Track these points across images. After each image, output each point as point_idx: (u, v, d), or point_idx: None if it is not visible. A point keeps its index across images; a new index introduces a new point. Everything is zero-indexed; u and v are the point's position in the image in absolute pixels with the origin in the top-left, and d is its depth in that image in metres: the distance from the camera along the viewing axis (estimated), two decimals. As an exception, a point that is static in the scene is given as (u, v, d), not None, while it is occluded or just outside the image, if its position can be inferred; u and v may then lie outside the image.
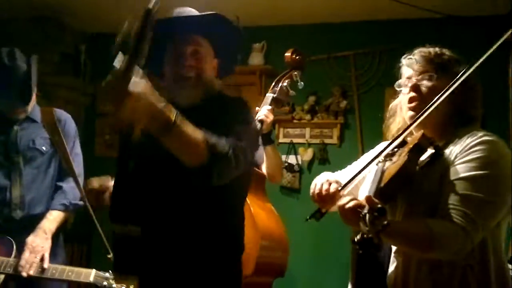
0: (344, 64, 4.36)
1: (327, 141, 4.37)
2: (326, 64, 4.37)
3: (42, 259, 2.40)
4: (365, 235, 1.26)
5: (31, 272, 2.36)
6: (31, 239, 2.42)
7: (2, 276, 2.38)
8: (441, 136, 1.61)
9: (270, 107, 2.74)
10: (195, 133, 1.48)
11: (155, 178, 1.67)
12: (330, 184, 1.70)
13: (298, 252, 4.24)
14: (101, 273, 2.32)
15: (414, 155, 1.49)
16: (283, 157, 4.36)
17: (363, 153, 4.13)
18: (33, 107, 2.63)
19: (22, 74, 2.46)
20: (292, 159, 4.42)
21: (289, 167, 4.38)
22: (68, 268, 2.39)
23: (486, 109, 1.71)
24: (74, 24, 4.67)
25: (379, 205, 1.31)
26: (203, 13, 1.80)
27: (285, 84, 2.81)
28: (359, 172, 1.66)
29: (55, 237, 2.54)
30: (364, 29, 4.30)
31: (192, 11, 1.83)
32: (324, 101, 4.38)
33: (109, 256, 2.27)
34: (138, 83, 1.35)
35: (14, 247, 2.43)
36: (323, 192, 1.69)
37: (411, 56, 1.70)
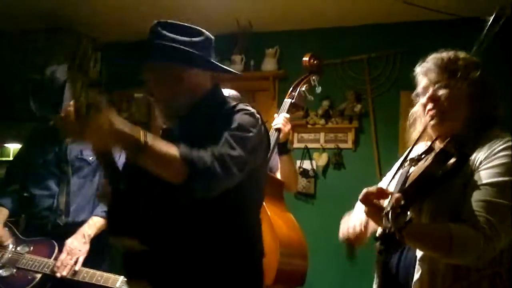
0: (358, 68, 4.34)
1: (341, 145, 4.35)
2: (340, 68, 4.36)
3: (76, 262, 2.56)
4: (387, 230, 1.26)
5: (64, 273, 2.52)
6: (69, 241, 2.60)
7: (39, 275, 2.57)
8: (465, 142, 1.59)
9: (288, 115, 2.70)
10: (170, 150, 1.47)
11: (151, 191, 1.66)
12: (354, 224, 1.77)
13: (313, 257, 4.21)
14: None
15: (439, 159, 1.48)
16: (298, 162, 4.35)
17: (378, 157, 4.19)
18: None
19: (55, 84, 2.64)
20: (307, 164, 4.41)
21: (304, 173, 4.37)
22: (98, 273, 2.54)
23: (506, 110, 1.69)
24: (88, 34, 4.72)
25: (402, 202, 1.30)
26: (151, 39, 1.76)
27: (303, 89, 2.79)
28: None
29: (100, 244, 2.67)
30: (377, 33, 4.28)
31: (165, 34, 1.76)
32: (338, 106, 4.36)
33: None
34: (98, 115, 1.39)
35: (56, 250, 2.62)
36: (351, 235, 1.75)
37: (424, 64, 1.69)
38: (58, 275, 2.52)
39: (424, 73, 1.69)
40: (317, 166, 4.40)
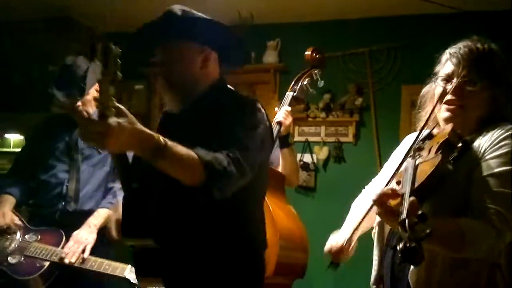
0: (359, 61, 4.33)
1: (342, 139, 4.34)
2: (341, 62, 4.34)
3: (83, 251, 2.58)
4: (407, 244, 1.19)
5: (73, 260, 2.54)
6: (76, 232, 2.63)
7: (47, 263, 2.59)
8: (470, 132, 1.58)
9: (289, 108, 2.69)
10: (189, 153, 1.47)
11: (162, 190, 1.66)
12: (337, 241, 1.85)
13: (313, 250, 4.21)
14: None
15: (446, 152, 1.45)
16: (298, 156, 4.34)
17: (379, 151, 4.18)
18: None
19: (79, 72, 2.73)
20: (307, 158, 4.40)
21: (305, 166, 4.36)
22: (106, 261, 2.56)
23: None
24: (89, 24, 4.70)
25: (420, 211, 1.24)
26: (162, 16, 1.75)
27: (305, 82, 2.78)
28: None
29: (104, 235, 2.68)
30: (379, 26, 4.26)
31: (172, 11, 1.75)
32: (339, 99, 4.35)
33: None
34: (117, 120, 1.34)
35: (64, 239, 2.64)
36: (333, 249, 1.84)
37: (456, 51, 1.61)
38: (66, 261, 2.53)
39: (454, 60, 1.61)
40: (317, 160, 4.39)
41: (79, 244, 2.59)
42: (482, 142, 1.53)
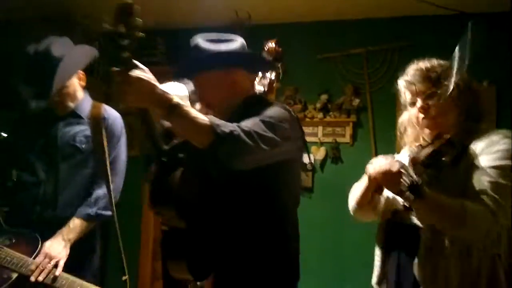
0: (357, 62, 4.34)
1: (339, 139, 4.35)
2: (339, 62, 4.35)
3: (56, 266, 2.28)
4: (414, 182, 1.49)
5: (40, 278, 2.22)
6: (48, 244, 2.32)
7: (15, 275, 2.25)
8: (459, 132, 1.74)
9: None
10: (200, 116, 1.57)
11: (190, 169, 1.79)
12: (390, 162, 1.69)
13: (310, 250, 4.22)
14: None
15: (446, 146, 1.64)
16: (295, 156, 4.35)
17: (376, 151, 4.17)
18: (80, 101, 2.54)
19: (48, 65, 2.37)
20: (304, 158, 4.39)
21: (302, 166, 4.36)
22: (78, 281, 2.27)
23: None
24: (86, 23, 4.69)
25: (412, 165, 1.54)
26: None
27: (272, 77, 2.79)
28: None
29: (90, 245, 2.50)
30: (377, 27, 4.27)
31: (200, 45, 1.92)
32: (337, 100, 4.35)
33: (124, 278, 2.31)
34: (140, 72, 1.54)
35: (39, 246, 2.32)
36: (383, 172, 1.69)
37: (407, 78, 1.83)
38: (33, 279, 2.20)
39: (408, 86, 1.83)
40: (314, 160, 4.40)
41: (50, 258, 2.26)
42: (480, 144, 1.68)
